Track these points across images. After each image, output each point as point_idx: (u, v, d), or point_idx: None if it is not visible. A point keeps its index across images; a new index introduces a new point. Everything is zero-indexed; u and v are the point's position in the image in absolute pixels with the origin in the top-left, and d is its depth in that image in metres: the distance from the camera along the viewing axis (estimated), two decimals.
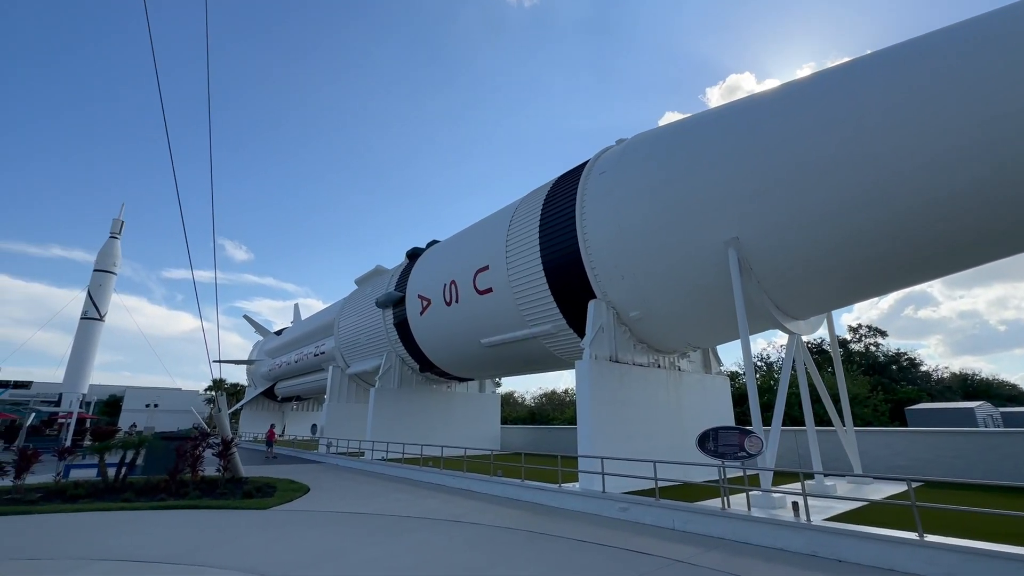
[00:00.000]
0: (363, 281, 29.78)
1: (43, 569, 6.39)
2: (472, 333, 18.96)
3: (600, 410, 12.29)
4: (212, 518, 9.91)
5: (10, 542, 7.90)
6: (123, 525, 9.22)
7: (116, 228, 48.72)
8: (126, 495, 11.96)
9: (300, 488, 13.49)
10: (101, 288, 46.69)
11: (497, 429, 27.30)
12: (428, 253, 23.47)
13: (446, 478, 14.77)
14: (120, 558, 6.90)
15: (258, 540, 8.13)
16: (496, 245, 17.16)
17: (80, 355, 44.65)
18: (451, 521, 9.50)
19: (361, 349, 27.25)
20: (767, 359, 34.27)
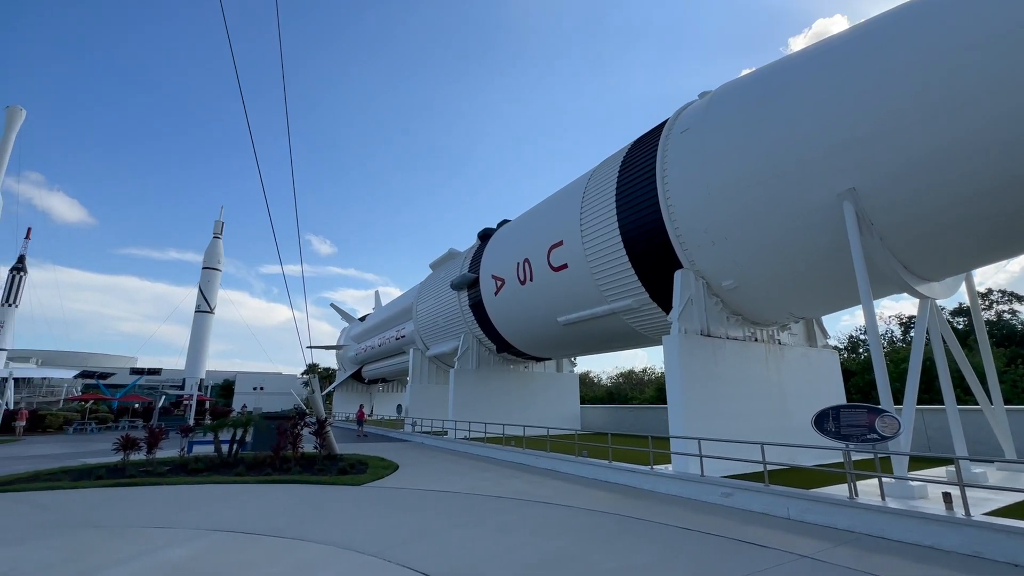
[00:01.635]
0: (437, 265, 30.29)
1: (171, 538, 6.88)
2: (548, 311, 18.51)
3: (692, 388, 11.38)
4: (311, 493, 10.39)
5: (143, 510, 8.71)
6: (235, 498, 9.89)
7: (218, 229, 53.61)
8: (238, 469, 12.95)
9: (390, 466, 13.92)
10: (210, 284, 51.78)
11: (577, 409, 26.86)
12: (500, 233, 23.23)
13: (529, 458, 14.59)
14: (233, 529, 7.29)
15: (353, 516, 8.32)
16: (570, 219, 16.46)
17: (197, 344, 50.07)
18: (539, 503, 9.21)
19: (439, 332, 27.82)
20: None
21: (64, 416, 32.67)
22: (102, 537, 6.95)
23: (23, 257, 49.14)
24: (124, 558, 6.00)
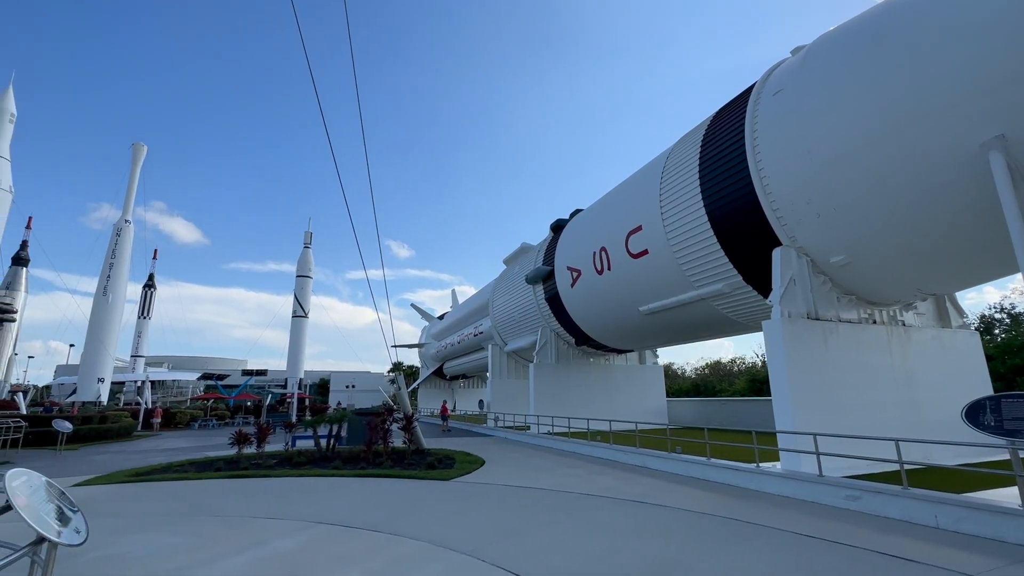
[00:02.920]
0: (511, 260, 30.32)
1: (280, 529, 7.24)
2: (628, 301, 17.73)
3: (800, 378, 10.23)
4: (403, 487, 10.62)
5: (255, 501, 9.33)
6: (334, 491, 10.35)
7: (307, 240, 57.72)
8: (335, 463, 13.64)
9: (476, 461, 13.99)
10: (303, 291, 55.92)
11: (662, 402, 25.69)
12: (573, 223, 22.68)
13: (617, 454, 14.02)
14: (334, 522, 7.54)
15: (444, 511, 8.33)
16: (648, 202, 15.58)
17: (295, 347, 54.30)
18: (633, 501, 8.70)
19: (516, 327, 27.83)
20: (1011, 310, 26.35)
21: (190, 413, 36.83)
22: (222, 526, 7.47)
23: (152, 276, 56.20)
24: (241, 547, 6.36)
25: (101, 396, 34.59)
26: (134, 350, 52.68)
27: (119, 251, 37.40)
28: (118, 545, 6.41)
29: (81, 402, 33.34)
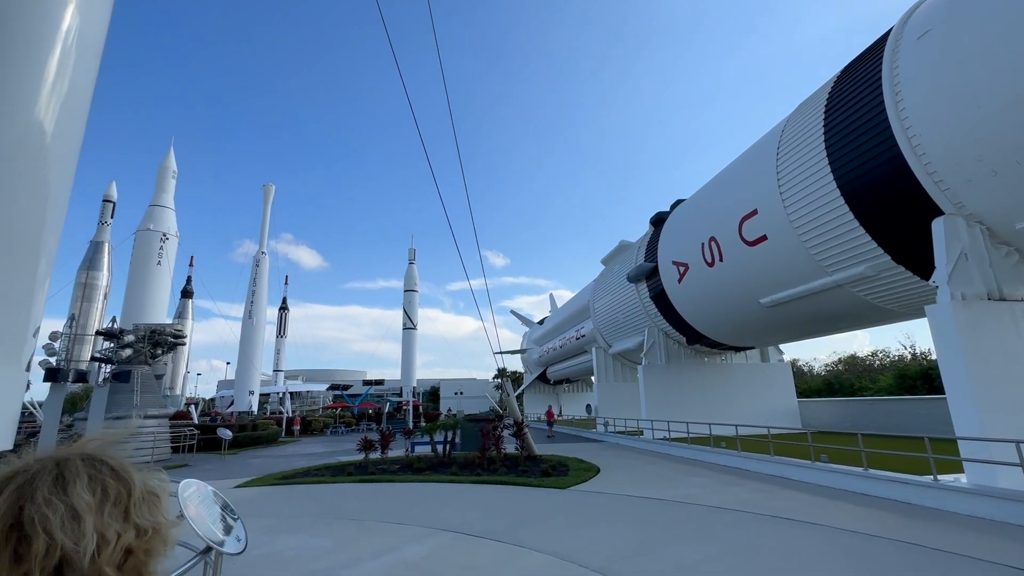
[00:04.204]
0: (609, 259, 29.44)
1: (408, 535, 7.48)
2: (746, 294, 16.17)
3: (984, 372, 8.43)
4: (520, 495, 10.53)
5: (382, 505, 9.82)
6: (454, 497, 10.56)
7: (411, 256, 61.38)
8: (452, 469, 14.02)
9: (591, 468, 13.54)
10: (411, 304, 59.48)
11: (793, 403, 23.06)
12: (675, 215, 21.37)
13: (747, 461, 12.72)
14: (458, 530, 7.61)
15: (565, 522, 8.04)
16: (762, 182, 14.10)
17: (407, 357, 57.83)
18: (776, 517, 7.71)
19: (620, 328, 26.87)
20: None
21: (323, 421, 40.71)
22: (357, 530, 7.90)
23: (285, 299, 63.51)
24: (375, 552, 6.63)
25: (252, 407, 39.57)
26: (275, 365, 59.75)
27: (258, 279, 42.69)
28: (272, 545, 7.02)
29: (237, 412, 38.44)
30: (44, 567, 0.57)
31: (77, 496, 0.62)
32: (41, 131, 3.00)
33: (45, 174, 3.03)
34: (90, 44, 3.42)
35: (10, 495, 0.61)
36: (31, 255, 2.95)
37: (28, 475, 0.63)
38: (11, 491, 0.61)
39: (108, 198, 27.76)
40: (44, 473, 0.63)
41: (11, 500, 0.60)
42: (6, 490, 0.61)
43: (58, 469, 0.65)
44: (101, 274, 24.89)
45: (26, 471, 0.64)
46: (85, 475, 0.65)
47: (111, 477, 0.67)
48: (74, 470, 0.65)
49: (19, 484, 0.62)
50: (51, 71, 3.08)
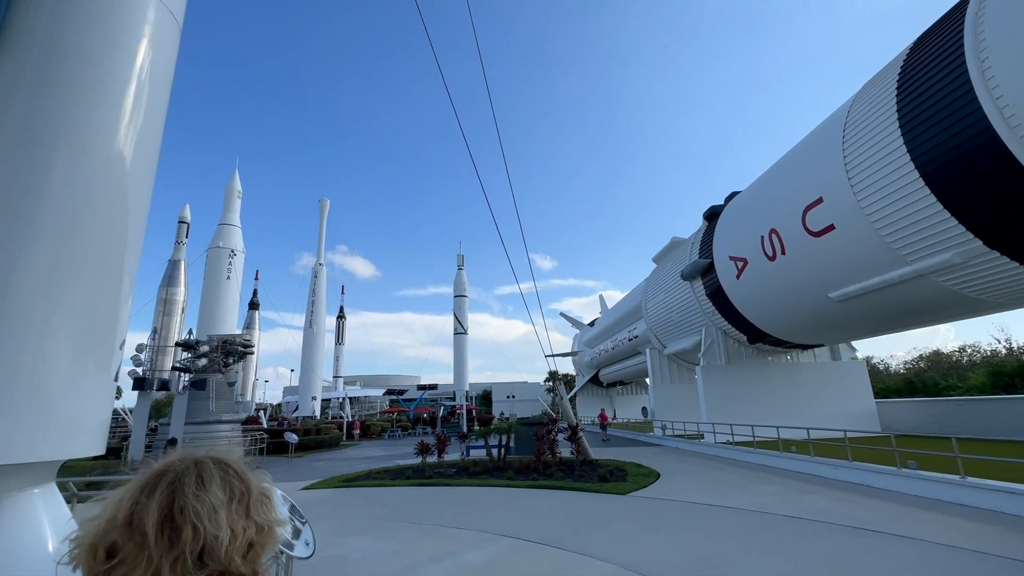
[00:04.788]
0: (661, 257, 28.58)
1: (468, 541, 7.49)
2: (813, 288, 15.18)
3: None
4: (579, 500, 10.33)
5: (441, 509, 9.91)
6: (512, 501, 10.51)
7: (460, 262, 62.33)
8: (508, 473, 13.99)
9: (650, 473, 13.11)
10: (461, 310, 60.35)
11: (870, 404, 21.38)
12: (730, 208, 20.43)
13: (822, 467, 11.88)
14: (518, 536, 7.53)
15: (628, 530, 7.78)
16: (828, 168, 13.20)
17: (459, 362, 58.69)
18: (861, 529, 7.10)
19: (674, 328, 25.99)
20: None
21: (381, 425, 41.98)
22: (417, 533, 7.99)
23: (342, 308, 66.17)
24: (436, 557, 6.67)
25: (315, 411, 41.43)
26: (334, 372, 62.33)
27: (317, 290, 44.74)
28: (338, 547, 7.22)
29: (302, 417, 40.36)
30: (192, 551, 0.67)
31: (213, 494, 0.73)
32: (121, 161, 3.19)
33: (125, 200, 3.22)
34: (161, 77, 3.63)
35: (165, 490, 0.71)
36: (116, 275, 3.13)
37: (176, 474, 0.73)
38: (165, 487, 0.71)
39: (183, 219, 30.02)
40: (189, 473, 0.74)
41: (167, 495, 0.70)
42: (160, 486, 0.71)
43: (197, 469, 0.75)
44: (179, 290, 26.93)
45: (173, 470, 0.74)
46: (217, 476, 0.76)
47: (235, 478, 0.78)
48: (209, 471, 0.76)
49: (170, 481, 0.72)
50: (128, 105, 3.28)
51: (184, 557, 0.66)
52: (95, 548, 0.67)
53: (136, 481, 0.74)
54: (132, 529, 0.67)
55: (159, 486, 0.71)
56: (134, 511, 0.69)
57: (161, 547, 0.66)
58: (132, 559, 0.65)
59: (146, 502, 0.69)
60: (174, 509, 0.69)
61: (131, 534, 0.67)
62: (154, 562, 0.65)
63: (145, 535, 0.66)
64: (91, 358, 3.04)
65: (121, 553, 0.66)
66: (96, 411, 3.12)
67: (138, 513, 0.68)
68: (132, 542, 0.67)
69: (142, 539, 0.66)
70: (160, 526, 0.67)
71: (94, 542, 0.68)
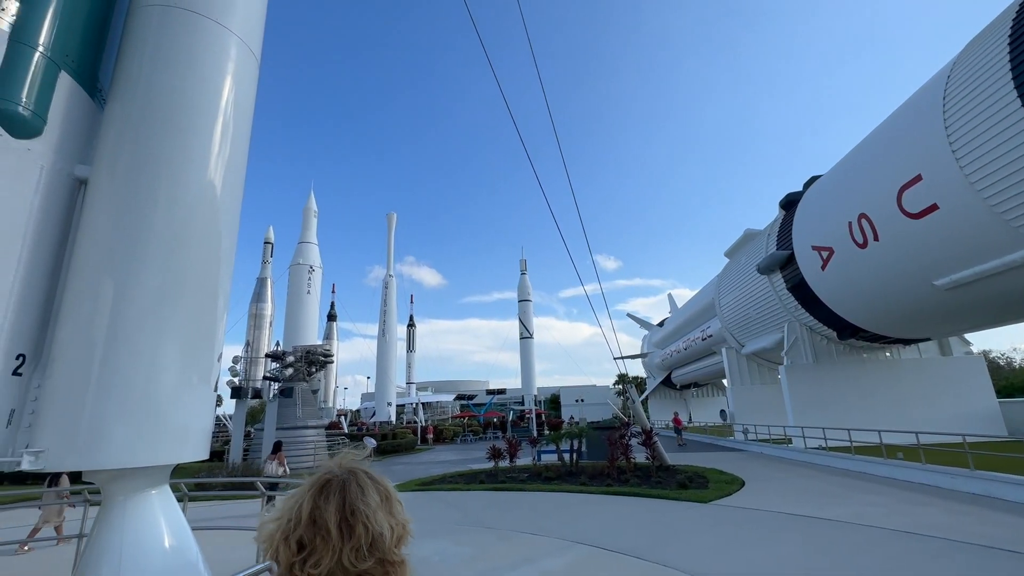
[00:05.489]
0: (734, 251, 27.06)
1: (544, 547, 7.41)
2: (914, 275, 13.68)
3: None
4: (657, 508, 9.92)
5: (515, 514, 9.89)
6: (587, 507, 10.30)
7: (523, 267, 62.66)
8: (581, 478, 13.75)
9: (734, 480, 12.36)
10: (526, 314, 60.59)
11: (992, 404, 18.84)
12: (810, 194, 18.94)
13: (936, 476, 10.61)
14: (595, 544, 7.35)
15: (713, 541, 7.34)
16: (926, 142, 11.87)
17: (526, 366, 58.87)
18: (991, 548, 6.22)
19: (752, 325, 24.44)
20: None
21: (452, 430, 42.95)
22: (493, 538, 8.03)
23: (412, 316, 68.70)
24: (513, 563, 6.64)
25: (391, 417, 43.21)
26: (407, 378, 64.74)
27: (388, 300, 46.77)
28: (419, 550, 7.41)
29: (379, 422, 42.23)
30: (364, 544, 0.83)
31: (372, 498, 0.89)
32: (212, 189, 3.47)
33: (218, 225, 3.49)
34: (244, 109, 3.91)
35: (338, 496, 0.86)
36: (212, 294, 3.40)
37: (340, 482, 0.89)
38: (337, 493, 0.87)
39: (267, 240, 32.59)
40: (351, 481, 0.90)
41: (340, 499, 0.86)
42: (332, 492, 0.87)
43: (355, 478, 0.90)
44: (266, 305, 29.20)
45: (336, 479, 0.90)
46: (369, 482, 0.92)
47: (379, 484, 0.93)
48: (364, 479, 0.91)
49: (339, 488, 0.88)
50: (216, 138, 3.57)
51: (360, 548, 0.83)
52: (289, 541, 0.83)
53: (307, 487, 0.89)
54: (316, 527, 0.83)
55: (331, 492, 0.87)
56: (315, 513, 0.85)
57: (341, 541, 0.83)
58: (320, 550, 0.82)
59: (325, 505, 0.85)
60: (346, 511, 0.85)
61: (316, 531, 0.83)
62: (336, 553, 0.82)
63: (328, 532, 0.83)
64: (194, 371, 3.31)
65: (311, 546, 0.83)
66: (201, 419, 3.40)
67: (320, 514, 0.84)
68: (319, 537, 0.83)
69: (327, 535, 0.83)
70: (339, 524, 0.84)
71: (288, 537, 0.84)
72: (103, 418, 2.85)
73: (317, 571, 0.82)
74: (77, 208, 3.25)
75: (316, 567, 0.82)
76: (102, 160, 3.26)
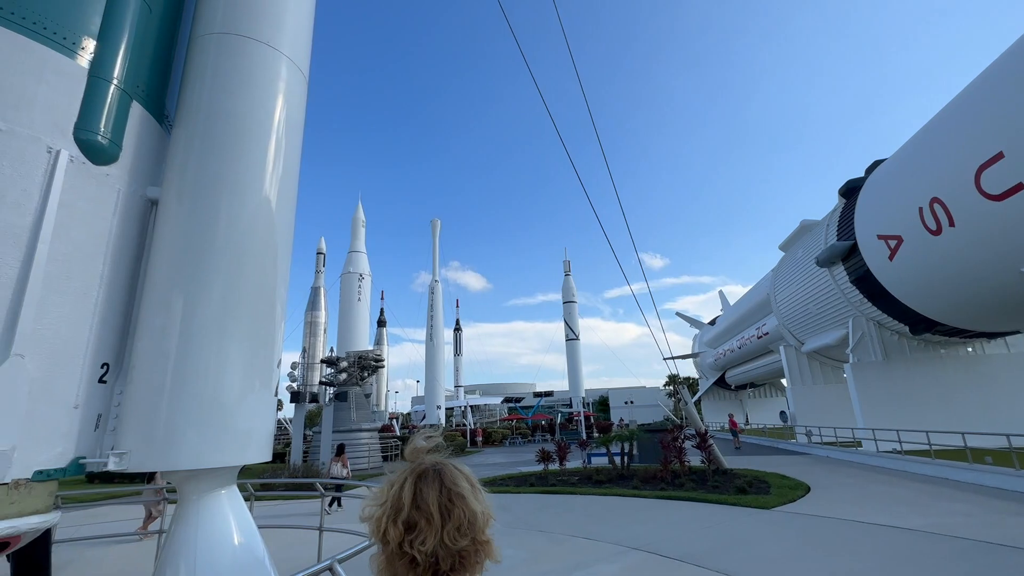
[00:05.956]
0: (789, 244, 25.74)
1: (598, 552, 7.29)
2: (997, 262, 12.52)
3: None
4: (715, 514, 9.54)
5: (567, 518, 9.79)
6: (640, 512, 10.05)
7: (566, 268, 62.26)
8: (633, 482, 13.44)
9: (798, 486, 11.71)
10: (571, 316, 60.16)
11: None
12: (873, 180, 17.73)
13: None
14: (651, 550, 7.15)
15: (780, 550, 6.96)
16: (1008, 116, 10.85)
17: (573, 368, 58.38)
18: None
19: (812, 321, 23.12)
20: None
21: (502, 432, 43.17)
22: (547, 542, 7.97)
23: (458, 320, 69.74)
24: (567, 567, 6.57)
25: (440, 420, 43.96)
26: (455, 381, 65.72)
27: (434, 305, 47.69)
28: None
29: (429, 425, 43.06)
30: (461, 525, 0.94)
31: (463, 485, 0.99)
32: (268, 204, 3.64)
33: (274, 238, 3.66)
34: (295, 126, 4.10)
35: (435, 482, 0.97)
36: (270, 303, 3.57)
37: (435, 471, 1.00)
38: (434, 480, 0.98)
39: (320, 250, 34.07)
40: (446, 469, 1.01)
41: (438, 486, 0.97)
42: (429, 479, 0.98)
43: (445, 468, 1.01)
44: (321, 313, 30.49)
45: (431, 468, 1.01)
46: (458, 472, 1.02)
47: (465, 474, 1.03)
48: (453, 469, 1.02)
49: (436, 476, 0.99)
50: (271, 155, 3.75)
51: (460, 527, 0.94)
52: (398, 523, 0.95)
53: (403, 475, 1.01)
54: (420, 511, 0.95)
55: (429, 480, 0.98)
56: (417, 498, 0.96)
57: (442, 522, 0.94)
58: (424, 530, 0.93)
59: (426, 491, 0.96)
60: (443, 497, 0.96)
61: (420, 514, 0.94)
62: (438, 532, 0.93)
63: (431, 515, 0.94)
64: (256, 377, 3.48)
65: (417, 526, 0.94)
66: (264, 422, 3.57)
67: (422, 499, 0.96)
68: (423, 518, 0.94)
69: (430, 517, 0.94)
70: (439, 508, 0.95)
71: (396, 519, 0.96)
72: (176, 422, 3.04)
73: (424, 548, 0.93)
74: (150, 227, 3.50)
75: (423, 545, 0.93)
76: (170, 182, 3.50)
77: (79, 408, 2.85)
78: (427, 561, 0.94)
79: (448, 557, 0.95)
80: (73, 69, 3.01)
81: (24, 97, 2.76)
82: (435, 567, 0.95)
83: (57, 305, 2.73)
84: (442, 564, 0.95)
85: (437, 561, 0.94)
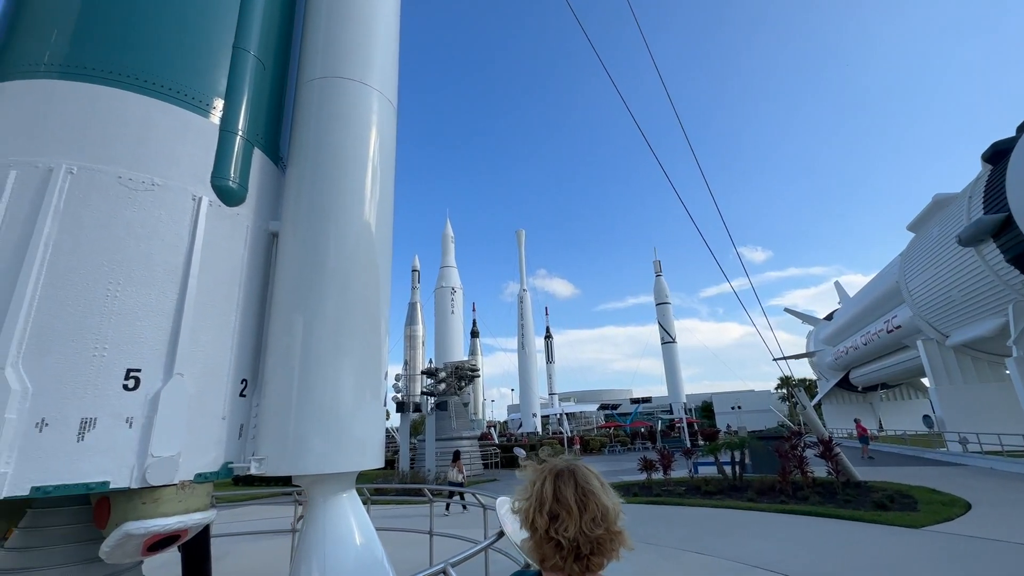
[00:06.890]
0: (920, 223, 22.50)
1: (713, 569, 6.83)
2: None
3: None
4: (848, 532, 8.50)
5: (677, 531, 9.28)
6: (757, 526, 9.26)
7: (657, 268, 59.86)
8: (748, 494, 12.43)
9: (954, 501, 10.08)
10: (665, 318, 57.62)
11: None
12: None
13: None
14: (774, 569, 6.55)
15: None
16: None
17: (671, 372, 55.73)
18: None
19: (957, 310, 19.92)
20: None
21: (600, 440, 42.30)
22: (657, 556, 7.61)
23: (548, 328, 69.90)
24: None
25: (536, 427, 44.18)
26: (549, 389, 65.75)
27: (524, 314, 48.31)
28: None
29: (526, 432, 43.45)
30: (596, 517, 1.11)
31: (594, 482, 1.16)
32: (369, 228, 3.93)
33: (375, 258, 3.94)
34: (388, 153, 4.40)
35: (569, 480, 1.15)
36: (375, 319, 3.84)
37: (569, 471, 1.18)
38: (569, 478, 1.15)
39: (414, 268, 36.18)
40: (578, 469, 1.19)
41: (574, 483, 1.14)
42: (565, 477, 1.16)
43: (577, 468, 1.19)
44: (418, 327, 32.29)
45: (564, 469, 1.19)
46: (589, 472, 1.19)
47: (595, 473, 1.19)
48: (584, 469, 1.20)
49: (571, 475, 1.16)
50: (369, 182, 4.06)
51: (595, 518, 1.11)
52: (543, 513, 1.12)
53: (543, 474, 1.19)
54: (560, 503, 1.12)
55: (566, 478, 1.15)
56: (557, 493, 1.13)
57: (580, 513, 1.10)
58: (566, 520, 1.10)
59: (565, 487, 1.14)
60: (579, 492, 1.13)
61: (561, 506, 1.11)
62: (577, 522, 1.09)
63: (571, 507, 1.11)
64: (367, 388, 3.76)
65: (560, 517, 1.11)
66: (376, 431, 3.84)
67: (561, 494, 1.13)
68: (564, 510, 1.11)
69: (570, 509, 1.11)
70: (577, 502, 1.11)
71: (542, 510, 1.13)
72: (303, 431, 3.37)
73: (568, 535, 1.09)
74: (273, 257, 3.94)
75: (566, 532, 1.09)
76: (287, 216, 3.92)
77: (226, 419, 3.26)
78: (570, 545, 1.10)
79: (587, 543, 1.10)
80: (207, 126, 3.50)
81: (174, 155, 3.25)
82: (576, 551, 1.10)
83: (205, 330, 3.16)
84: (583, 548, 1.10)
85: (578, 546, 1.10)
